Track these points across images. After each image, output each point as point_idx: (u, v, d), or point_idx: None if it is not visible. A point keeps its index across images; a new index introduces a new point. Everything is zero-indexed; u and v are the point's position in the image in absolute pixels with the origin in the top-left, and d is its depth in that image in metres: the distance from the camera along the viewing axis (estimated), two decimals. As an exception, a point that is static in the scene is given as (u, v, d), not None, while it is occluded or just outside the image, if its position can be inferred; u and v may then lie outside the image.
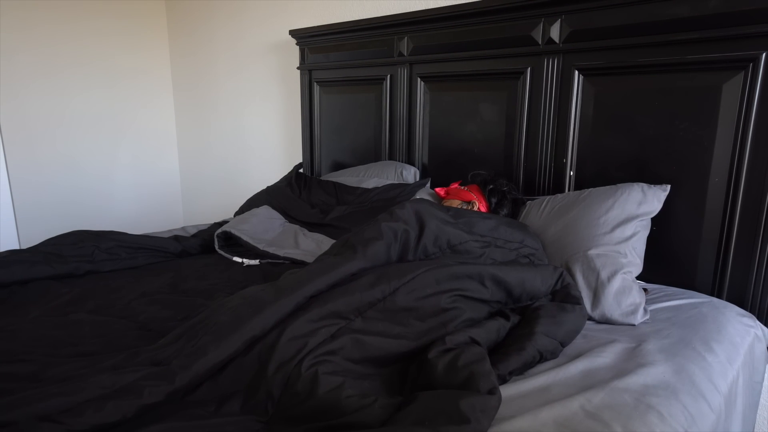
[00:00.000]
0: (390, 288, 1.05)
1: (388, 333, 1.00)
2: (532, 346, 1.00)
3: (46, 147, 2.98)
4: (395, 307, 1.04)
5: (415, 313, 1.04)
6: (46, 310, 1.26)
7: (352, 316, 1.02)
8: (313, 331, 0.96)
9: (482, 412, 0.76)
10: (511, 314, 1.13)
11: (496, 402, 0.80)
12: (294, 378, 0.88)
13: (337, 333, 0.99)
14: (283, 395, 0.88)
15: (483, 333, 1.01)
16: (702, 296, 1.37)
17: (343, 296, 1.03)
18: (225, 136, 3.18)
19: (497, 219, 1.37)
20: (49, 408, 0.79)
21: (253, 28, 2.83)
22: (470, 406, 0.76)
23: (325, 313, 1.00)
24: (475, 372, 0.85)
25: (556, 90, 1.65)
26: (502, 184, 1.63)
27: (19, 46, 2.80)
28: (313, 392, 0.85)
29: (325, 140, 2.47)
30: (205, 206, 3.45)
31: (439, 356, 0.91)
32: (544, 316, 1.07)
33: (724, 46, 1.32)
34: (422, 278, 1.07)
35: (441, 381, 0.87)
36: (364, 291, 1.04)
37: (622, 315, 1.23)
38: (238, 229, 1.74)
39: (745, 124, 1.31)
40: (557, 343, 1.05)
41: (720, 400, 0.97)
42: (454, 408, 0.76)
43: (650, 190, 1.40)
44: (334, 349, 0.95)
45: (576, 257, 1.32)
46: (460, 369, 0.87)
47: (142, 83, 3.33)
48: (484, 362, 0.88)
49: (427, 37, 1.97)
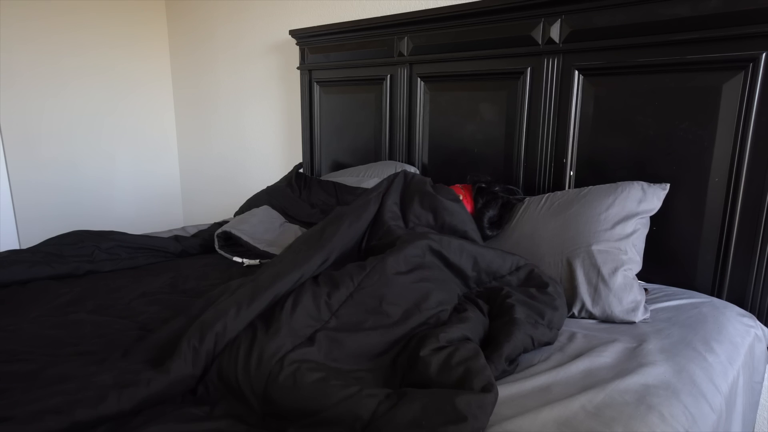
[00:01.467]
0: (354, 284, 1.09)
1: (364, 325, 1.02)
2: (518, 331, 1.00)
3: (46, 147, 2.98)
4: (365, 299, 1.06)
5: (386, 300, 1.06)
6: (46, 310, 1.26)
7: (326, 317, 1.04)
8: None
9: (479, 408, 0.76)
10: (482, 303, 1.14)
11: (493, 398, 0.80)
12: (275, 372, 0.89)
13: (314, 335, 1.00)
14: (267, 389, 0.88)
15: (472, 328, 1.01)
16: (702, 296, 1.37)
17: (313, 300, 1.06)
18: (225, 136, 3.18)
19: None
20: (48, 405, 0.79)
21: (253, 27, 2.83)
22: (467, 404, 0.76)
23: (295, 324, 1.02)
24: (471, 368, 0.85)
25: (556, 90, 1.65)
26: (493, 186, 1.61)
27: (18, 46, 2.80)
28: (297, 383, 0.86)
29: (325, 140, 2.47)
30: (205, 206, 3.45)
31: (432, 354, 0.91)
32: (518, 303, 1.09)
33: (724, 46, 1.32)
34: (380, 267, 1.11)
35: (436, 379, 0.86)
36: (332, 293, 1.07)
37: (623, 312, 1.23)
38: (238, 230, 1.74)
39: (745, 124, 1.31)
40: (544, 327, 1.06)
41: (721, 401, 0.97)
42: (451, 407, 0.75)
43: (650, 188, 1.40)
44: (313, 350, 0.96)
45: (576, 253, 1.32)
46: (455, 366, 0.87)
47: (141, 83, 3.33)
48: (479, 358, 0.88)
49: (427, 37, 1.97)
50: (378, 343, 0.99)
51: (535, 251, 1.39)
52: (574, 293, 1.28)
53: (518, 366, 1.01)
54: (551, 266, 1.34)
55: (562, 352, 1.06)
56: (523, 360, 1.03)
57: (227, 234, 1.76)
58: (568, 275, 1.31)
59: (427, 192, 1.45)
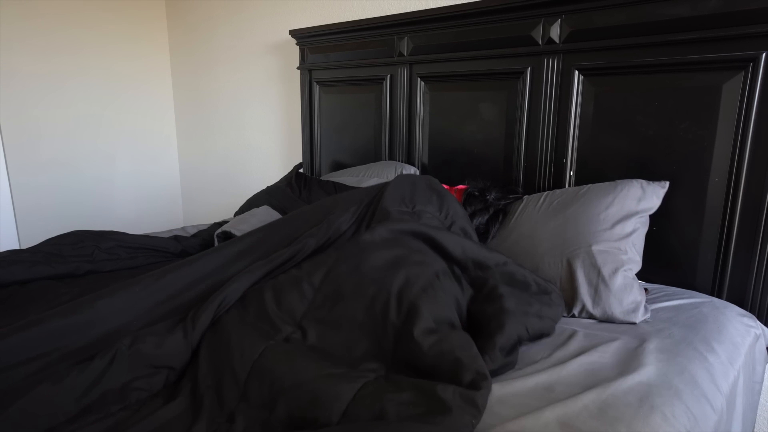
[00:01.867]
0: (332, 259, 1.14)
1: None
2: (510, 320, 1.00)
3: (46, 147, 2.98)
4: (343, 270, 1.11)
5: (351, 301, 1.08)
6: (47, 310, 1.26)
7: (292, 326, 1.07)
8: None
9: (466, 401, 0.78)
10: (466, 284, 1.15)
11: (484, 391, 0.81)
12: (257, 366, 0.92)
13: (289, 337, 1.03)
14: (249, 380, 0.90)
15: (445, 302, 1.03)
16: (702, 296, 1.37)
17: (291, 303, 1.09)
18: (225, 136, 3.18)
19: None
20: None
21: (253, 28, 2.83)
22: (452, 396, 0.77)
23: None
24: (461, 359, 0.86)
25: (556, 90, 1.65)
26: (487, 193, 1.60)
27: (18, 46, 2.80)
28: (287, 368, 0.89)
29: (325, 140, 2.47)
30: (205, 206, 3.45)
31: (424, 335, 0.93)
32: (507, 294, 1.09)
33: (724, 46, 1.32)
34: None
35: (429, 362, 0.88)
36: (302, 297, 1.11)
37: (624, 313, 1.23)
38: (239, 230, 1.74)
39: (745, 124, 1.31)
40: (534, 316, 1.07)
41: (722, 401, 0.97)
42: (436, 399, 0.77)
43: (649, 186, 1.40)
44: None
45: (577, 253, 1.32)
46: (447, 353, 0.88)
47: (141, 83, 3.33)
48: (470, 348, 0.90)
49: (427, 37, 1.97)
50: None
51: (534, 251, 1.39)
52: (575, 294, 1.28)
53: (518, 357, 1.01)
54: (551, 266, 1.34)
55: (563, 350, 1.06)
56: (525, 357, 1.03)
57: (227, 234, 1.76)
58: (569, 276, 1.30)
59: (434, 185, 1.47)
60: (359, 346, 0.98)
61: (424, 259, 1.12)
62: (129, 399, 0.89)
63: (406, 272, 1.06)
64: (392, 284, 1.04)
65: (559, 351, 1.06)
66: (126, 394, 0.89)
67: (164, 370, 0.96)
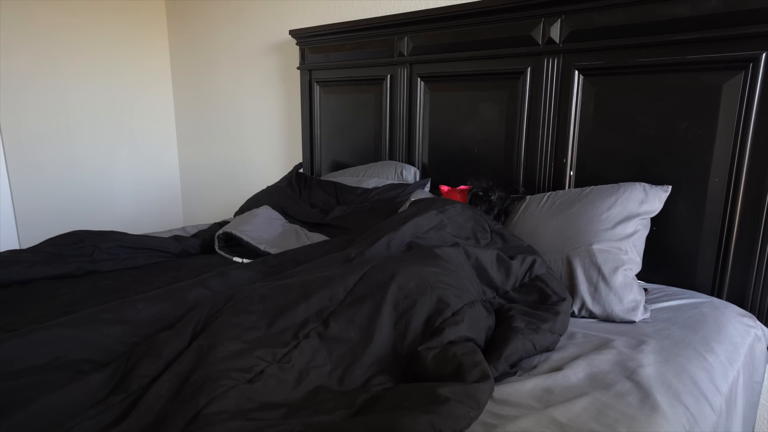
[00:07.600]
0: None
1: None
2: (516, 336, 1.00)
3: (46, 147, 2.98)
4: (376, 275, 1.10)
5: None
6: (47, 310, 1.26)
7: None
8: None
9: (465, 395, 0.77)
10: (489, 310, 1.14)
11: (485, 387, 0.81)
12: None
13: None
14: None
15: (473, 328, 1.01)
16: (702, 296, 1.37)
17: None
18: (225, 136, 3.18)
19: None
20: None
21: (253, 27, 2.83)
22: (451, 390, 0.77)
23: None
24: (464, 362, 0.86)
25: (556, 90, 1.65)
26: (490, 192, 1.61)
27: (18, 47, 2.80)
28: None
29: (325, 140, 2.47)
30: (205, 206, 3.45)
31: (428, 348, 0.92)
32: (518, 314, 1.09)
33: (724, 46, 1.32)
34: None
35: (431, 370, 0.88)
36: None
37: (623, 311, 1.23)
38: (239, 230, 1.74)
39: (745, 124, 1.31)
40: (546, 332, 1.06)
41: (721, 401, 0.97)
42: (433, 392, 0.77)
43: (652, 190, 1.40)
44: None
45: (577, 251, 1.32)
46: (450, 359, 0.88)
47: (142, 83, 3.33)
48: (475, 354, 0.89)
49: (427, 37, 1.97)
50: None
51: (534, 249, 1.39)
52: (574, 291, 1.29)
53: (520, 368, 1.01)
54: (551, 264, 1.35)
55: (562, 353, 1.06)
56: (525, 362, 1.03)
57: (228, 235, 1.76)
58: (568, 273, 1.31)
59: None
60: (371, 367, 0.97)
61: (459, 282, 1.12)
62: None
63: (438, 294, 1.05)
64: (422, 309, 1.02)
65: (558, 354, 1.06)
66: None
67: None
